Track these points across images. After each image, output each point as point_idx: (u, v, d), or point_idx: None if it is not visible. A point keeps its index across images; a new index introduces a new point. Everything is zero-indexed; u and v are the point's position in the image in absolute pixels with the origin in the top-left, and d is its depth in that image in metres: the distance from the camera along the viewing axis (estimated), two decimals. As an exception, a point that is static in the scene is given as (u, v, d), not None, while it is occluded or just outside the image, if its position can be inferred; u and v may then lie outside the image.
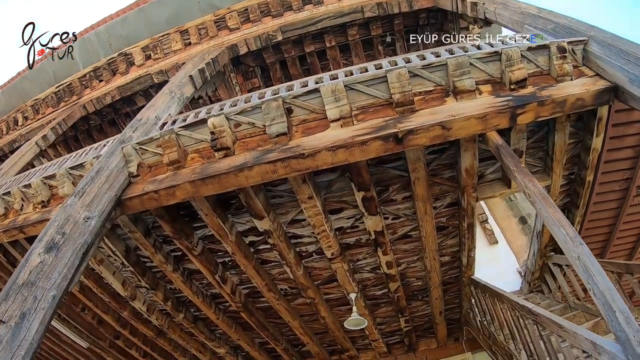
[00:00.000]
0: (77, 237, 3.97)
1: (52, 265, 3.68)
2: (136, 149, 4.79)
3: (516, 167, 4.06)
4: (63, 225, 4.05)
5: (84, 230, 4.02)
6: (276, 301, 6.52)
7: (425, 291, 6.97)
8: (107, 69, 9.06)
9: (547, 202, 3.66)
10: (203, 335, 7.59)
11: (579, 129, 5.35)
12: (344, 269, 5.88)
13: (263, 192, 5.07)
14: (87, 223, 4.10)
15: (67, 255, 3.77)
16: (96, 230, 4.15)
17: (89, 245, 4.03)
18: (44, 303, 3.46)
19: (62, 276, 3.65)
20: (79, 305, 7.36)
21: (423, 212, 5.25)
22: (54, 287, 3.54)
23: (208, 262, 5.85)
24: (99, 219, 4.18)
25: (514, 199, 11.09)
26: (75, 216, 4.12)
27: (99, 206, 4.26)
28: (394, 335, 8.28)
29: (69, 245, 3.87)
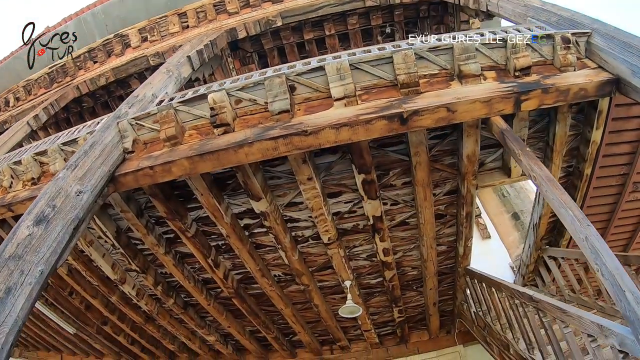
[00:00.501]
0: (68, 210, 3.80)
1: (41, 239, 3.51)
2: (132, 124, 4.62)
3: (521, 150, 3.96)
4: (54, 198, 3.89)
5: (75, 205, 3.84)
6: (269, 287, 6.36)
7: (420, 281, 6.85)
8: (102, 50, 8.83)
9: (554, 184, 3.57)
10: (193, 321, 7.41)
11: (579, 121, 5.30)
12: (340, 255, 5.74)
13: (261, 172, 4.92)
14: (79, 197, 3.92)
15: (57, 230, 3.59)
16: (88, 205, 3.96)
17: (80, 220, 3.85)
18: (30, 278, 3.29)
19: (51, 251, 3.48)
20: (67, 289, 7.16)
21: (423, 198, 5.13)
22: (42, 262, 3.36)
23: (201, 244, 5.67)
24: (91, 194, 4.00)
25: (507, 195, 11.03)
26: (67, 189, 3.96)
27: (92, 181, 4.08)
28: (386, 326, 8.15)
29: (60, 219, 3.69)
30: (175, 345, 8.46)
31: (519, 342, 5.19)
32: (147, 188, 4.89)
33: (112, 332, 8.00)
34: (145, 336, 8.23)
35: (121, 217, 5.69)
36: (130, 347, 8.52)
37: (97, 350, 9.11)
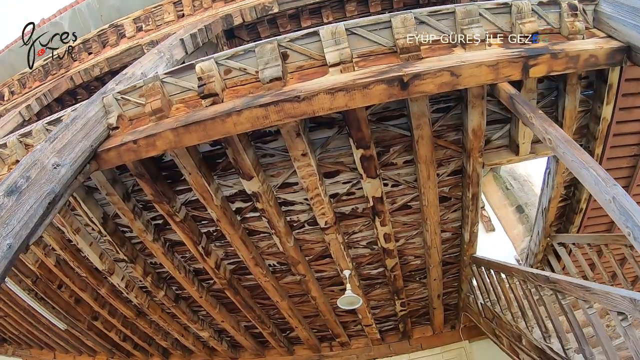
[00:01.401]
0: (43, 183, 3.44)
1: (10, 210, 3.14)
2: (117, 99, 4.26)
3: (533, 113, 3.57)
4: (29, 169, 3.54)
5: (51, 178, 3.47)
6: (264, 277, 5.95)
7: (424, 271, 6.43)
8: (97, 40, 8.53)
9: (571, 144, 3.17)
10: (185, 316, 6.99)
11: (589, 97, 4.92)
12: (339, 242, 5.33)
13: (253, 148, 4.54)
14: (56, 170, 3.55)
15: (29, 202, 3.22)
16: (66, 180, 3.60)
17: (56, 195, 3.48)
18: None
19: (22, 224, 3.09)
20: (56, 282, 6.76)
21: (426, 177, 4.73)
22: (11, 235, 2.97)
23: (191, 230, 5.28)
24: (70, 168, 3.64)
25: (511, 188, 10.68)
26: (44, 161, 3.61)
27: (71, 154, 3.71)
28: (388, 321, 7.71)
29: (33, 192, 3.33)
30: (168, 341, 8.05)
31: (534, 331, 4.76)
32: (133, 168, 4.53)
33: (103, 328, 7.60)
34: (137, 332, 7.82)
35: (108, 203, 5.33)
36: (123, 344, 8.11)
37: (90, 348, 8.71)
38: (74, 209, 5.59)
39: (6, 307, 7.86)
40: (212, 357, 8.62)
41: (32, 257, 6.45)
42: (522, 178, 11.07)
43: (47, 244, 6.25)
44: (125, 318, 7.42)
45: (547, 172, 5.81)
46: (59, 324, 7.60)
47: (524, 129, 4.61)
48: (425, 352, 7.82)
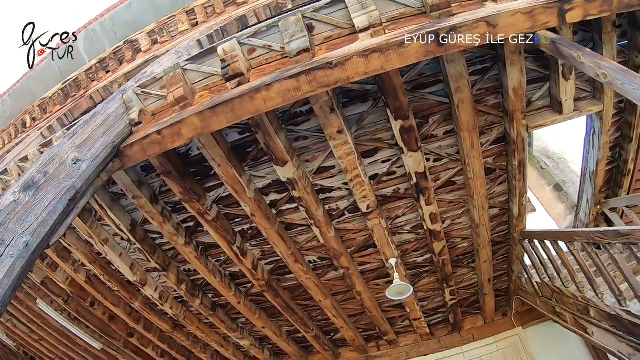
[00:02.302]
0: (62, 179, 3.17)
1: (27, 206, 2.87)
2: (138, 94, 4.00)
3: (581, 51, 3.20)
4: (47, 164, 3.29)
5: (71, 173, 3.22)
6: (304, 275, 5.61)
7: (472, 255, 6.02)
8: (113, 58, 8.36)
9: (630, 73, 2.82)
10: (224, 324, 6.67)
11: (625, 47, 4.54)
12: (382, 227, 4.98)
13: (284, 132, 4.26)
14: (76, 165, 3.29)
15: (47, 197, 2.96)
16: (87, 176, 3.34)
17: (77, 191, 3.21)
18: (13, 249, 2.64)
19: (40, 221, 2.83)
20: (88, 300, 6.53)
21: (469, 146, 4.37)
22: (29, 232, 2.71)
23: (224, 229, 4.98)
24: (91, 164, 3.38)
25: (546, 167, 10.18)
26: (63, 156, 3.36)
27: (92, 150, 3.46)
28: (437, 314, 7.28)
29: (52, 187, 3.06)
30: (207, 354, 7.73)
31: (604, 298, 4.32)
32: (159, 165, 4.28)
33: (140, 345, 7.32)
34: (174, 346, 7.52)
35: (135, 208, 5.12)
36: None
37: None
38: (100, 219, 5.36)
39: (40, 330, 7.66)
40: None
41: (62, 274, 6.24)
42: (556, 156, 10.60)
43: (76, 259, 6.03)
44: (161, 332, 7.14)
45: (590, 133, 5.38)
46: (95, 343, 7.35)
47: (565, 85, 4.28)
48: (478, 343, 7.35)
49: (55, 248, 5.79)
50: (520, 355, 7.08)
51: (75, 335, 7.34)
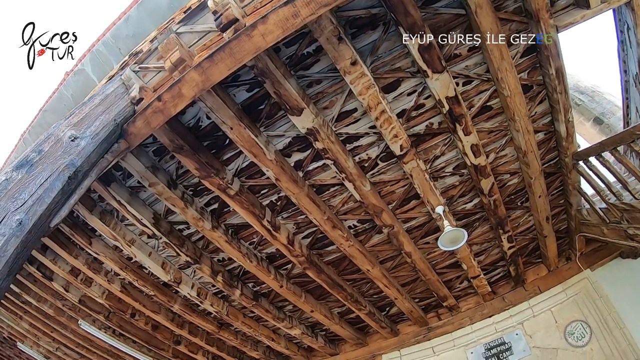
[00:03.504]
0: (59, 156, 2.94)
1: (20, 184, 2.65)
2: (136, 71, 3.77)
3: None
4: (41, 144, 3.11)
5: (69, 150, 2.98)
6: (346, 242, 5.17)
7: (524, 192, 5.48)
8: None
9: None
10: (269, 314, 6.29)
11: None
12: (421, 170, 4.51)
13: (294, 78, 3.85)
14: (74, 143, 3.06)
15: (42, 175, 2.74)
16: (88, 154, 3.08)
17: (77, 169, 2.96)
18: (4, 228, 2.41)
19: (36, 198, 2.60)
20: (128, 311, 6.29)
21: (499, 58, 3.87)
22: (22, 210, 2.50)
23: (251, 203, 4.61)
24: (91, 141, 3.14)
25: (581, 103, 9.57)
26: (59, 135, 3.13)
27: (91, 127, 3.22)
28: (496, 268, 6.71)
29: (47, 164, 2.85)
30: (259, 351, 7.37)
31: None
32: (169, 142, 3.98)
33: (189, 352, 7.04)
34: (224, 348, 7.20)
35: (156, 200, 4.86)
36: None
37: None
38: (123, 219, 5.09)
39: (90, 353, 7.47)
40: (310, 358, 7.86)
41: (98, 289, 6.02)
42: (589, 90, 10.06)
43: (108, 269, 5.78)
44: (208, 334, 6.83)
45: (625, 29, 4.81)
46: (144, 358, 7.08)
47: (589, -24, 3.76)
48: (545, 294, 6.74)
49: (85, 260, 5.57)
50: (593, 299, 6.45)
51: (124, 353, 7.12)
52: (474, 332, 6.96)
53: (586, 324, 6.33)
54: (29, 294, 6.46)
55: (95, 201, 4.92)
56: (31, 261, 5.84)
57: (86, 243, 5.21)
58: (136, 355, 7.04)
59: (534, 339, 6.60)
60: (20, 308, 6.97)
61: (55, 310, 6.70)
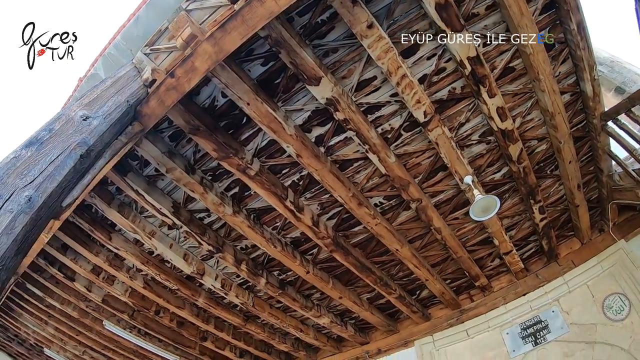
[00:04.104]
0: (70, 134, 2.88)
1: (30, 161, 2.58)
2: (147, 53, 3.66)
3: None
4: (52, 123, 3.05)
5: (80, 129, 2.93)
6: (373, 220, 5.04)
7: (554, 160, 5.30)
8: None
9: None
10: (297, 303, 6.17)
11: None
12: (447, 137, 4.37)
13: (310, 48, 3.73)
14: (85, 122, 3.00)
15: (53, 152, 2.68)
16: (101, 133, 3.02)
17: (90, 147, 2.89)
18: (12, 204, 2.33)
19: (46, 175, 2.53)
20: (152, 308, 6.24)
21: (518, 14, 3.72)
22: (32, 186, 2.43)
23: (272, 184, 4.51)
24: (104, 121, 3.08)
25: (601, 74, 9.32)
26: (70, 114, 3.06)
27: (103, 108, 3.17)
28: (528, 243, 6.51)
29: (58, 142, 2.79)
30: (288, 343, 7.25)
31: None
32: (185, 124, 3.91)
33: (216, 348, 6.95)
34: (252, 342, 7.10)
35: (174, 188, 4.80)
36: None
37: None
38: (142, 211, 5.02)
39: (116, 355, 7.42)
40: (340, 349, 7.74)
41: (120, 286, 5.99)
42: (608, 61, 9.82)
43: (130, 265, 5.73)
44: (234, 329, 6.74)
45: None
46: (171, 357, 7.02)
47: None
48: (580, 268, 6.51)
49: (106, 257, 5.53)
50: (630, 270, 6.20)
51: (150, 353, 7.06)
52: (508, 312, 6.76)
53: (624, 296, 6.09)
54: (52, 297, 6.45)
55: (112, 194, 4.87)
56: (52, 262, 5.83)
57: (106, 238, 5.17)
58: (163, 355, 6.98)
59: (571, 316, 6.38)
60: (45, 312, 6.97)
61: (79, 312, 6.68)
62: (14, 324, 7.63)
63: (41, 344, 7.93)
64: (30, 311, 7.06)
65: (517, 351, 6.52)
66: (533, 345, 6.44)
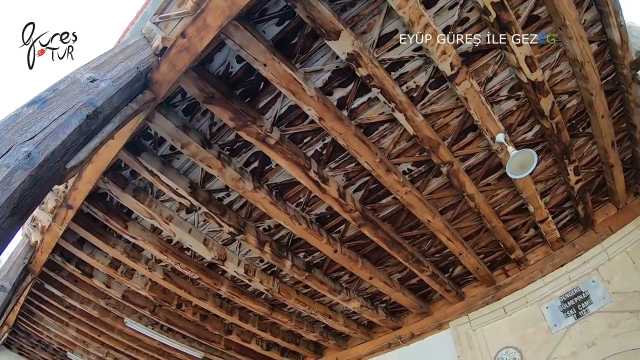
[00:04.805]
0: (76, 94, 2.74)
1: (31, 118, 2.44)
2: (156, 22, 3.51)
3: None
4: (57, 84, 2.82)
5: (87, 90, 2.80)
6: (402, 188, 4.83)
7: (585, 115, 5.03)
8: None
9: None
10: (325, 286, 5.95)
11: None
12: (475, 91, 4.15)
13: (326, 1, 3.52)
14: (93, 84, 2.87)
15: (57, 110, 2.54)
16: (109, 96, 2.89)
17: (97, 109, 2.76)
18: (9, 159, 2.16)
19: (48, 132, 2.39)
20: (173, 302, 6.07)
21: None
22: (32, 143, 2.29)
23: (294, 153, 4.32)
24: (112, 84, 2.95)
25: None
26: (76, 76, 2.89)
27: (112, 72, 3.04)
28: (563, 210, 6.23)
29: (63, 101, 2.64)
30: (316, 332, 7.03)
31: None
32: (199, 92, 3.75)
33: (241, 341, 6.76)
34: (278, 333, 6.89)
35: (191, 167, 4.66)
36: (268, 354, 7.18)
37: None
38: (159, 195, 4.87)
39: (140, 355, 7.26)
40: (371, 335, 7.49)
41: (140, 280, 5.84)
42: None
43: (148, 256, 5.56)
44: (260, 319, 6.54)
45: None
46: (196, 353, 6.86)
47: None
48: (617, 235, 6.22)
49: (123, 249, 5.40)
50: (670, 233, 5.94)
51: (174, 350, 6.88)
52: (546, 285, 6.48)
53: (667, 260, 5.82)
54: (72, 297, 6.34)
55: (127, 179, 4.73)
56: (69, 259, 5.72)
57: (122, 227, 5.03)
58: (187, 351, 6.81)
59: (613, 284, 6.08)
60: (65, 314, 6.87)
61: (100, 311, 6.55)
62: (35, 329, 7.55)
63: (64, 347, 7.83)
64: (51, 313, 6.96)
65: (558, 326, 6.23)
66: (575, 319, 6.15)
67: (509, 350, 6.47)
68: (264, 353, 7.17)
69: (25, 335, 8.11)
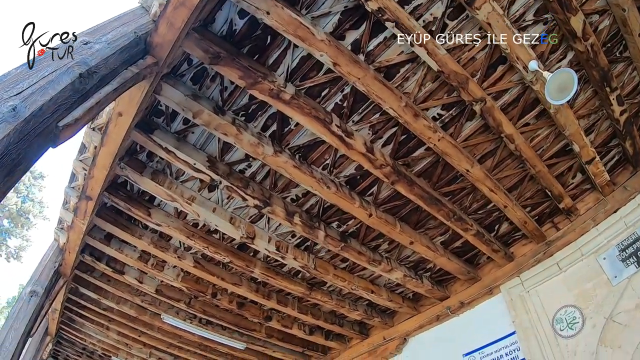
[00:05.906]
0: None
1: (19, 76, 2.38)
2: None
3: None
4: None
5: (80, 51, 2.76)
6: (434, 135, 4.52)
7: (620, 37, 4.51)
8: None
9: None
10: (363, 257, 5.68)
11: None
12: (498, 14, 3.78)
13: None
14: (86, 46, 2.83)
15: (47, 69, 2.50)
16: (105, 56, 2.82)
17: (91, 68, 2.69)
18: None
19: (37, 88, 2.33)
20: (208, 291, 5.94)
21: None
22: (19, 98, 2.21)
23: (312, 107, 4.10)
24: (108, 46, 2.89)
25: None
26: (70, 42, 2.84)
27: (107, 35, 2.98)
28: (610, 150, 5.74)
29: (53, 62, 2.61)
30: (360, 310, 6.75)
31: None
32: (204, 54, 3.58)
33: (282, 327, 6.58)
34: (320, 315, 6.67)
35: (207, 140, 4.55)
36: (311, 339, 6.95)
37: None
38: (177, 177, 4.72)
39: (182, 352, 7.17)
40: (417, 309, 7.15)
41: (171, 271, 5.75)
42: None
43: (177, 245, 5.44)
44: (299, 301, 6.34)
45: None
46: (238, 344, 6.69)
47: None
48: (672, 171, 5.73)
49: (150, 240, 5.30)
50: None
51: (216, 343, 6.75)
52: (601, 234, 6.00)
53: None
54: (107, 298, 6.33)
55: (144, 162, 4.62)
56: (99, 257, 5.69)
57: (145, 215, 4.92)
58: (229, 343, 6.66)
59: (675, 225, 5.62)
60: (104, 317, 6.87)
61: (137, 310, 6.50)
62: (78, 336, 7.60)
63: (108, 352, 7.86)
64: (90, 318, 6.98)
65: (619, 277, 5.74)
66: (636, 267, 5.65)
67: (567, 310, 6.02)
68: (308, 338, 6.95)
69: (70, 344, 8.17)
